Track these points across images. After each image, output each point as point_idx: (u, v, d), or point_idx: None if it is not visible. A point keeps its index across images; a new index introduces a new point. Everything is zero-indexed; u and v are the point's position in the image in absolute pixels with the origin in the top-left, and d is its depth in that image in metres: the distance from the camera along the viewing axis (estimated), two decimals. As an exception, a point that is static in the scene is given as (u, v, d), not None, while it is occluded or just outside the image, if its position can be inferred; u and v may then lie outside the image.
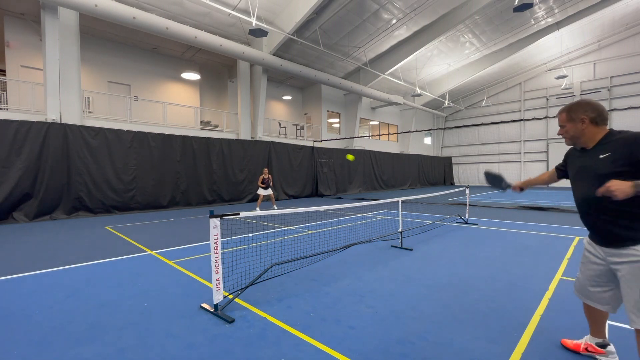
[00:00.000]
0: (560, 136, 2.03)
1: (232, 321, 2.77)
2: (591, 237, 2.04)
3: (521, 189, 2.57)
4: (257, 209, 11.32)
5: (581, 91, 23.76)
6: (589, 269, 2.04)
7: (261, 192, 11.21)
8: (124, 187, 10.70)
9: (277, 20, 13.40)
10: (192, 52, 15.35)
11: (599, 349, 2.17)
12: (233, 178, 13.76)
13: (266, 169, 11.63)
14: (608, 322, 2.68)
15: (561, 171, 2.27)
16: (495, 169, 28.40)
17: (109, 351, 2.34)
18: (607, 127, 1.90)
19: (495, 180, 2.80)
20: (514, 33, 18.78)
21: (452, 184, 30.35)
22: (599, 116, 1.87)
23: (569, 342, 2.34)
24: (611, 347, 2.19)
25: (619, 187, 1.57)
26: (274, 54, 14.45)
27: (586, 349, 2.22)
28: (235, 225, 7.69)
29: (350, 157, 6.44)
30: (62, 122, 9.82)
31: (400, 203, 5.98)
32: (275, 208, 11.52)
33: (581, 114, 1.90)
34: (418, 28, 16.22)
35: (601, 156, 1.82)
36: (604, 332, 2.20)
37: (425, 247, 5.46)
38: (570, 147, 2.12)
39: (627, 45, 21.90)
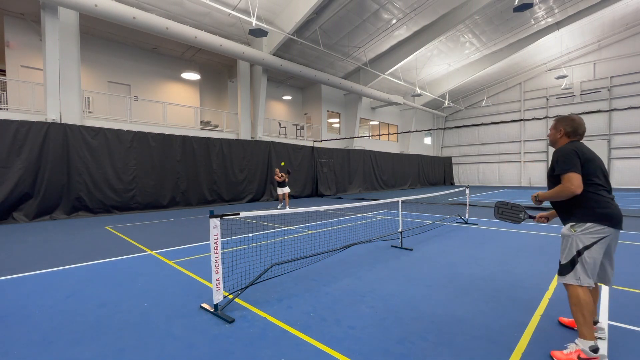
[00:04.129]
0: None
1: (232, 321, 2.77)
2: None
3: (547, 218, 2.68)
4: (279, 206, 11.61)
5: (581, 91, 23.77)
6: None
7: (279, 190, 11.57)
8: (124, 187, 10.70)
9: (277, 20, 13.40)
10: (192, 52, 15.35)
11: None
12: (233, 178, 13.77)
13: (277, 169, 11.90)
14: (608, 322, 2.69)
15: None
16: (495, 169, 28.42)
17: (109, 351, 2.34)
18: (576, 141, 2.36)
19: (509, 214, 2.65)
20: (514, 33, 18.78)
21: (452, 184, 30.35)
22: (573, 131, 2.36)
23: (565, 320, 2.68)
24: (600, 324, 2.48)
25: (532, 198, 2.49)
26: (274, 54, 14.44)
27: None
28: (235, 225, 7.69)
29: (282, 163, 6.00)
30: (62, 122, 9.81)
31: (400, 203, 5.98)
32: (284, 207, 11.68)
33: (561, 126, 2.40)
34: (418, 28, 16.23)
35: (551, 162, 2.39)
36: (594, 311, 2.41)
37: (425, 247, 5.46)
38: None
39: (627, 45, 21.90)
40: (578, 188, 2.17)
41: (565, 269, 2.25)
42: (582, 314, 2.15)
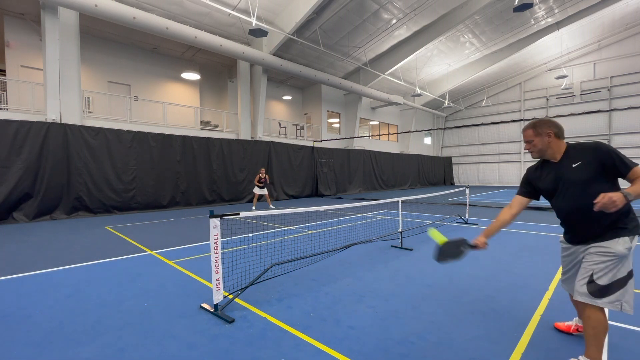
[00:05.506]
0: (527, 151, 2.20)
1: (232, 321, 2.77)
2: (567, 237, 2.25)
3: (486, 243, 2.32)
4: (253, 207, 11.46)
5: (581, 91, 23.76)
6: (565, 262, 2.31)
7: (257, 191, 11.50)
8: (124, 187, 10.70)
9: (277, 20, 13.40)
10: (192, 52, 15.35)
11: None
12: (233, 178, 13.76)
13: (263, 169, 11.81)
14: (608, 322, 2.68)
15: (530, 193, 2.34)
16: (495, 169, 28.41)
17: (109, 351, 2.34)
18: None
19: (451, 252, 2.28)
20: (514, 33, 18.78)
21: (452, 184, 30.35)
22: (559, 131, 2.13)
23: (562, 325, 2.58)
24: None
25: (618, 198, 1.74)
26: (274, 54, 14.44)
27: (577, 329, 2.50)
28: (235, 225, 7.69)
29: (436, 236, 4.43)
30: (62, 122, 9.81)
31: (400, 203, 5.99)
32: (272, 207, 11.62)
33: (546, 129, 2.13)
34: (418, 28, 16.22)
35: (574, 165, 2.04)
36: None
37: (426, 247, 5.46)
38: (528, 171, 2.35)
39: (627, 45, 21.89)
40: None
41: (606, 291, 1.93)
42: (599, 336, 1.97)
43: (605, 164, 1.94)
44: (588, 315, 2.00)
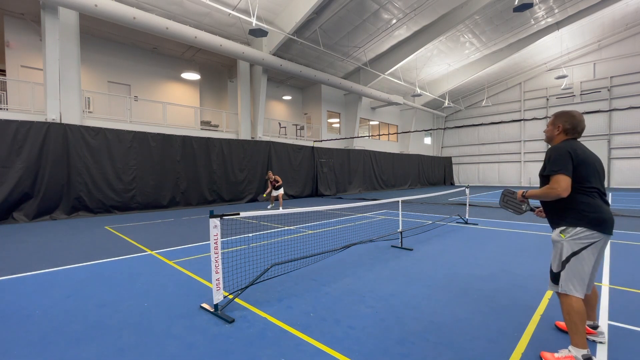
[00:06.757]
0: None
1: (232, 321, 2.77)
2: None
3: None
4: (279, 207, 11.76)
5: (581, 91, 23.76)
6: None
7: (273, 193, 11.76)
8: (124, 187, 10.70)
9: (277, 20, 13.40)
10: (192, 52, 15.35)
11: (590, 329, 2.42)
12: (233, 178, 13.76)
13: (270, 172, 11.85)
14: (608, 322, 2.69)
15: None
16: (495, 169, 28.42)
17: (109, 351, 2.34)
18: (573, 139, 2.28)
19: (513, 202, 2.63)
20: (514, 33, 18.78)
21: (452, 184, 30.35)
22: (572, 128, 2.26)
23: (564, 324, 2.55)
24: (600, 328, 2.43)
25: (517, 193, 2.52)
26: (274, 54, 14.44)
27: None
28: (235, 225, 7.69)
29: None
30: (62, 122, 9.81)
31: (400, 203, 5.99)
32: (268, 208, 11.69)
33: (560, 122, 2.30)
34: (418, 28, 16.23)
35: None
36: (593, 316, 2.47)
37: (425, 247, 5.46)
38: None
39: (627, 45, 21.90)
40: (565, 191, 2.09)
41: (557, 277, 2.19)
42: (575, 322, 2.09)
43: (544, 164, 2.27)
44: (561, 302, 2.19)
